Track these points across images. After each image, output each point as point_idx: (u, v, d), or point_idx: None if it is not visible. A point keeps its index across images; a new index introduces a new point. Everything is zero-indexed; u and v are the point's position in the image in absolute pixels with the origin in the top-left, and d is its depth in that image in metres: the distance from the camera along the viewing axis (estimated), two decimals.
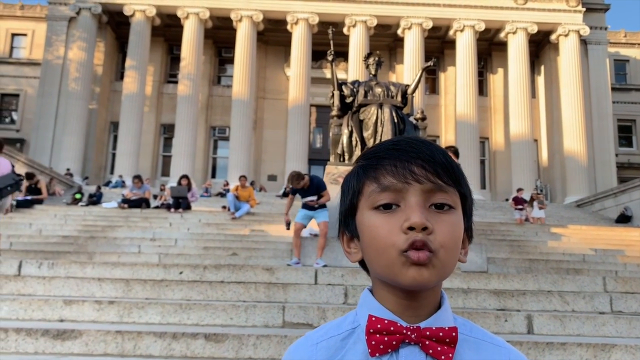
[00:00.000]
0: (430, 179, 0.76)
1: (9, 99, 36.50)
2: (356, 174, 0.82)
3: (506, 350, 0.79)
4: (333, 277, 5.44)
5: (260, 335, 3.34)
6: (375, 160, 0.80)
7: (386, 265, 0.76)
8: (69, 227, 11.55)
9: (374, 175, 0.79)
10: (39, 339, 3.32)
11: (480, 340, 0.79)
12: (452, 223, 0.76)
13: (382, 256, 0.76)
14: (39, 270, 5.57)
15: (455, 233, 0.77)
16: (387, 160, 0.78)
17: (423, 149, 0.79)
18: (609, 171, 29.69)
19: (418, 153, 0.78)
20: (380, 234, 0.76)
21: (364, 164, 0.82)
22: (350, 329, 0.79)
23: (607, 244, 11.76)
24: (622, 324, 4.08)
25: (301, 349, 0.81)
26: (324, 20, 29.01)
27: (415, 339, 0.75)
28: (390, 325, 0.75)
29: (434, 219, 0.75)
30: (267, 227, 12.08)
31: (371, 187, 0.78)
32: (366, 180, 0.80)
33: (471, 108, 28.87)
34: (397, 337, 0.75)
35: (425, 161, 0.77)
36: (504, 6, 29.70)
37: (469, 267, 7.89)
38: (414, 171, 0.76)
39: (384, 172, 0.78)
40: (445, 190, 0.77)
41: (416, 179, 0.76)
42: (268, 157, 31.43)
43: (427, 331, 0.75)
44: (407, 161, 0.77)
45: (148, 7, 29.14)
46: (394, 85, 9.78)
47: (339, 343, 0.78)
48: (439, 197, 0.76)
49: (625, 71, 38.67)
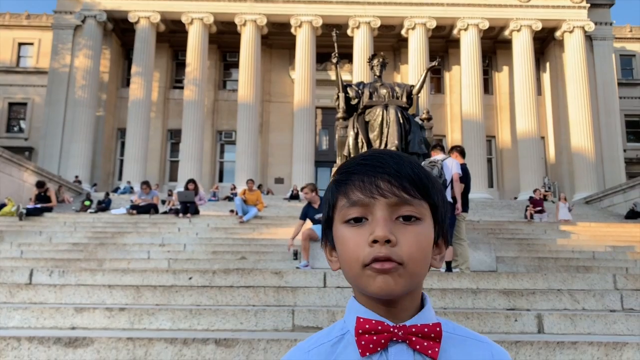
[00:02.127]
0: (395, 193, 0.80)
1: (17, 108, 36.79)
2: (331, 188, 0.86)
3: (488, 345, 0.83)
4: (342, 280, 5.44)
5: (270, 340, 3.36)
6: (345, 175, 0.84)
7: (354, 277, 0.81)
8: (79, 234, 11.62)
9: (344, 190, 0.83)
10: (51, 347, 3.34)
11: (464, 337, 0.82)
12: (417, 233, 0.80)
13: (350, 268, 0.81)
14: (49, 278, 5.61)
15: (422, 243, 0.80)
16: (356, 176, 0.82)
17: (390, 163, 0.82)
18: (617, 167, 29.51)
19: (385, 168, 0.81)
20: (349, 247, 0.80)
21: (337, 178, 0.86)
22: (340, 335, 0.83)
23: (617, 240, 11.68)
24: (634, 322, 4.05)
25: (294, 358, 0.84)
26: (328, 22, 29.05)
27: (402, 336, 0.78)
28: (377, 325, 0.79)
29: (400, 231, 0.79)
30: (275, 231, 12.10)
31: (342, 202, 0.83)
32: (338, 195, 0.84)
33: (477, 106, 28.80)
34: (385, 335, 0.78)
35: (391, 175, 0.81)
36: (508, 4, 29.61)
37: (479, 266, 7.87)
38: (380, 186, 0.80)
39: (352, 187, 0.82)
40: (411, 203, 0.80)
41: (382, 193, 0.80)
42: (275, 160, 31.49)
43: (412, 328, 0.79)
44: (373, 176, 0.81)
45: (152, 14, 29.30)
46: (398, 86, 9.78)
47: (329, 349, 0.82)
48: (405, 209, 0.80)
49: (632, 66, 38.42)
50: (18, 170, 17.28)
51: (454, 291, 4.86)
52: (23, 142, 35.53)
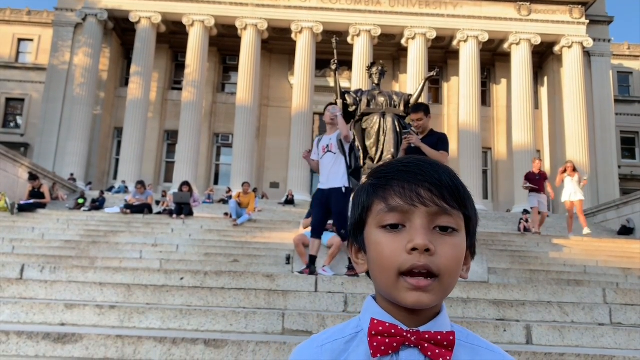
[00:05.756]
0: (436, 202, 0.79)
1: (14, 104, 36.72)
2: (366, 191, 0.85)
3: (502, 356, 0.82)
4: (333, 285, 5.45)
5: (259, 342, 3.36)
6: (384, 180, 0.83)
7: (387, 285, 0.80)
8: (72, 232, 11.58)
9: (382, 195, 0.82)
10: (39, 343, 3.34)
11: (476, 347, 0.82)
12: (454, 245, 0.80)
13: (384, 275, 0.80)
14: (41, 274, 5.60)
15: (458, 255, 0.80)
16: (396, 182, 0.81)
17: (431, 171, 0.81)
18: (611, 183, 29.67)
19: (426, 176, 0.81)
20: (385, 253, 0.79)
21: (374, 182, 0.85)
22: (354, 333, 0.83)
23: (609, 255, 11.72)
24: (621, 336, 4.08)
25: (307, 351, 0.85)
26: (328, 29, 29.16)
27: (415, 341, 0.78)
28: (391, 328, 0.79)
29: (438, 241, 0.79)
30: (268, 234, 12.09)
31: (379, 206, 0.82)
32: (375, 199, 0.83)
33: (474, 118, 28.92)
34: (397, 339, 0.78)
35: (432, 184, 0.80)
36: (508, 17, 29.82)
37: (470, 277, 7.89)
38: (421, 194, 0.79)
39: (392, 192, 0.81)
40: (450, 213, 0.80)
41: (422, 202, 0.79)
42: (271, 165, 31.50)
43: (426, 334, 0.79)
44: (414, 183, 0.80)
45: (154, 14, 29.35)
46: (396, 94, 9.81)
47: (342, 346, 0.82)
48: (443, 220, 0.79)
49: (629, 83, 38.73)
50: (13, 165, 17.22)
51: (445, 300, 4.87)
52: (19, 138, 35.44)
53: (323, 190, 6.82)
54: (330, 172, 6.75)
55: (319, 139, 7.19)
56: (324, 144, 6.96)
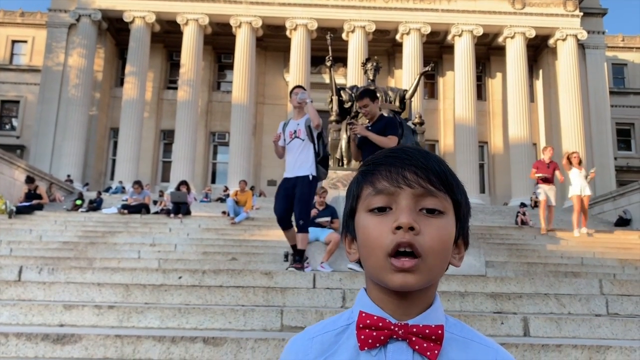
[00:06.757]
0: (421, 184, 0.80)
1: (9, 106, 36.60)
2: (356, 180, 0.88)
3: (494, 350, 0.82)
4: (331, 281, 5.47)
5: (258, 339, 3.38)
6: (372, 166, 0.85)
7: (374, 267, 0.81)
8: (69, 233, 11.57)
9: (370, 180, 0.84)
10: (39, 344, 3.35)
11: (469, 340, 0.82)
12: (440, 227, 0.80)
13: (372, 257, 0.81)
14: (39, 275, 5.60)
15: (443, 237, 0.80)
16: (383, 166, 0.83)
17: (418, 156, 0.83)
18: (607, 174, 29.74)
19: (412, 160, 0.82)
20: (372, 235, 0.80)
21: (364, 169, 0.87)
22: (345, 325, 0.84)
23: (606, 247, 11.78)
24: (618, 326, 4.10)
25: (298, 342, 0.87)
26: (323, 26, 29.13)
27: (403, 335, 0.79)
28: (379, 321, 0.80)
29: (423, 222, 0.79)
30: (266, 232, 12.10)
31: (367, 191, 0.83)
32: (364, 185, 0.85)
33: (470, 112, 28.95)
34: (385, 332, 0.79)
35: (418, 168, 0.81)
36: (502, 11, 29.82)
37: (468, 270, 7.92)
38: (406, 176, 0.81)
39: (379, 176, 0.82)
40: (436, 195, 0.81)
41: (408, 183, 0.80)
42: (268, 162, 31.47)
43: (414, 328, 0.79)
44: (400, 167, 0.82)
45: (148, 14, 29.26)
46: (392, 90, 9.84)
47: (333, 338, 0.83)
48: (429, 201, 0.81)
49: (624, 75, 38.81)
50: (9, 168, 17.18)
51: (442, 293, 4.90)
52: (15, 140, 35.34)
53: (289, 179, 6.38)
54: (297, 160, 6.37)
55: (285, 124, 6.75)
56: (290, 129, 6.55)
